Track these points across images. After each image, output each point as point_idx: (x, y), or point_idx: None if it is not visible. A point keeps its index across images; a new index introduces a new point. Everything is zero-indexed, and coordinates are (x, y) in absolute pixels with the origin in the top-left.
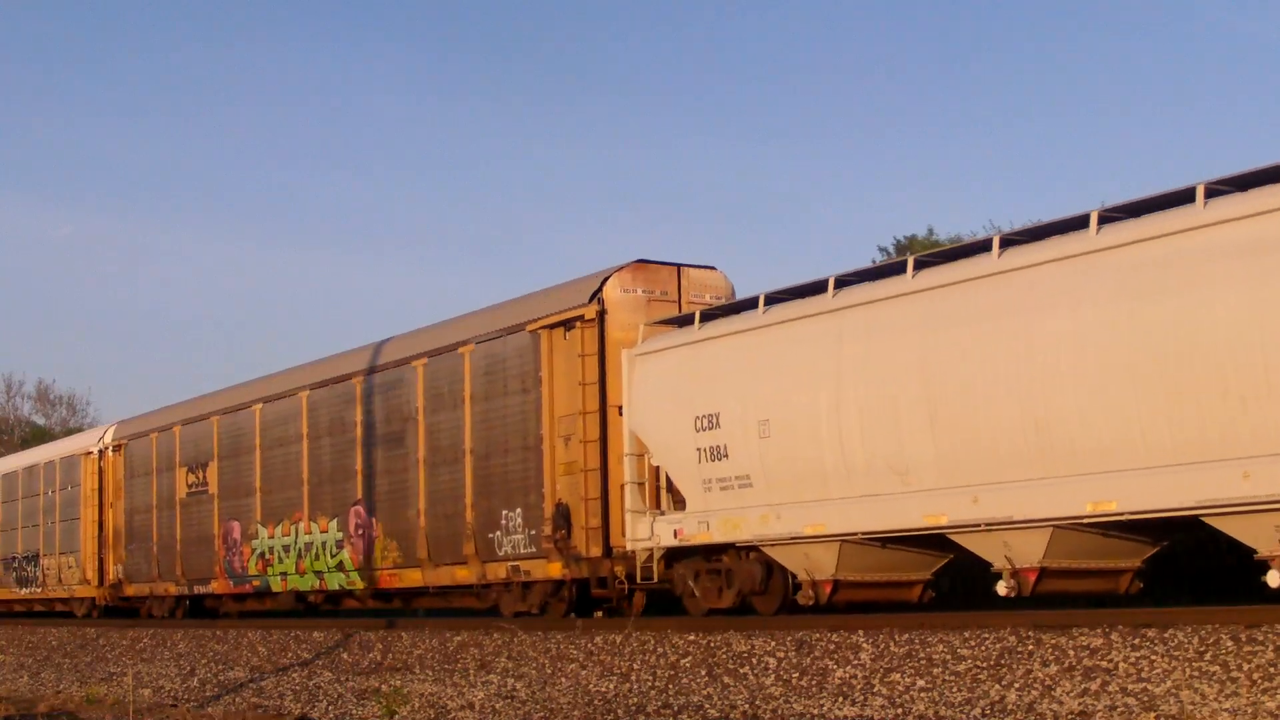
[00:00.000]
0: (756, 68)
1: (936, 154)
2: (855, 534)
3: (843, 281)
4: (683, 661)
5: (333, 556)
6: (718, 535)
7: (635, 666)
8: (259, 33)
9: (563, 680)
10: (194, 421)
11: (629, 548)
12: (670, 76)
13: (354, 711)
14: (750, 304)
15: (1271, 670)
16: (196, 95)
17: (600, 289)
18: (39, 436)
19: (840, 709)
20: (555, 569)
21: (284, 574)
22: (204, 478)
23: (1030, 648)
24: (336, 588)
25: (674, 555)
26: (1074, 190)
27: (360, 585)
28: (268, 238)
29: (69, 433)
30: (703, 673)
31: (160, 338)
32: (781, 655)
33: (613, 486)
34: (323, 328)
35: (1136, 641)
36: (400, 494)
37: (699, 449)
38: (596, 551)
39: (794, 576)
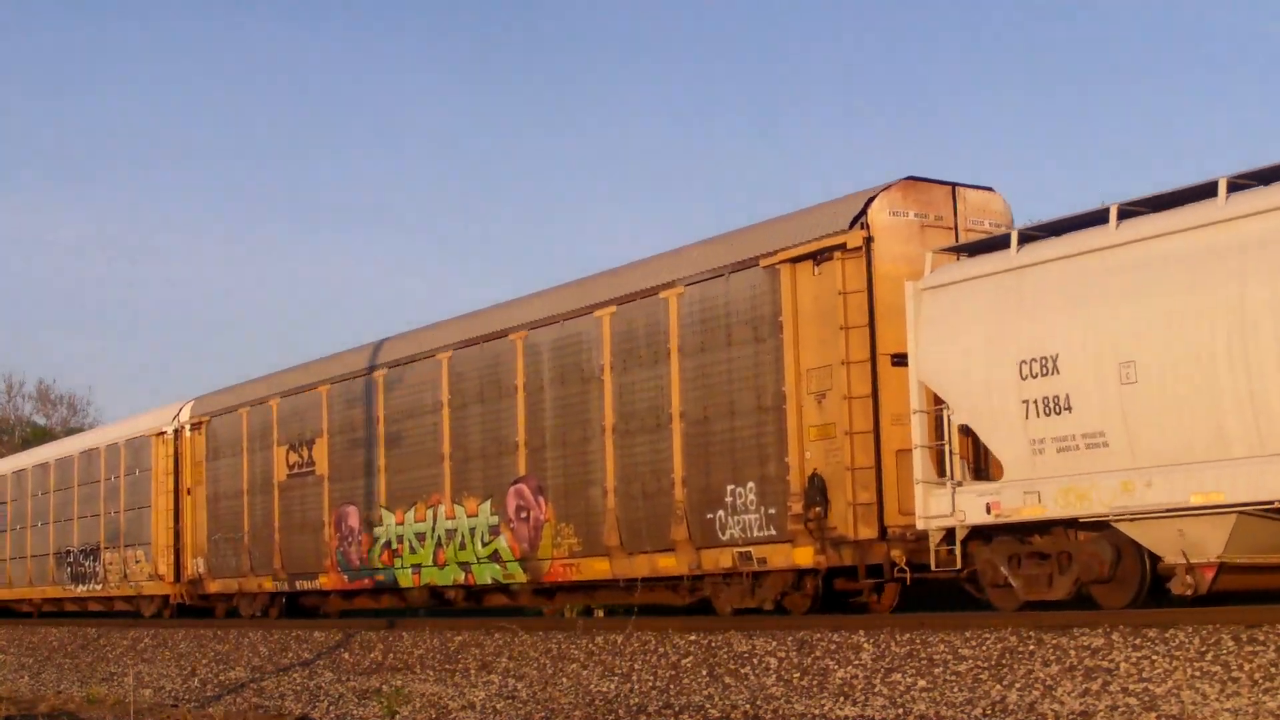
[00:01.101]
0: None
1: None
2: (1273, 502)
3: (1235, 186)
4: (684, 661)
5: (484, 545)
6: (1054, 508)
7: (636, 666)
8: (260, 32)
9: (564, 680)
10: (296, 393)
11: (921, 526)
12: (671, 73)
13: (355, 712)
14: (1094, 218)
15: (1272, 670)
16: (198, 94)
17: (864, 212)
18: (39, 436)
19: (841, 709)
20: (804, 555)
21: (417, 566)
22: (309, 456)
23: (1031, 648)
24: (488, 581)
25: (974, 536)
26: None
27: (521, 578)
28: (268, 237)
29: (69, 432)
30: (704, 673)
31: (160, 338)
32: (782, 655)
33: (885, 453)
34: (324, 327)
35: (1138, 641)
36: (579, 469)
37: (1026, 401)
38: (869, 533)
39: (1151, 560)
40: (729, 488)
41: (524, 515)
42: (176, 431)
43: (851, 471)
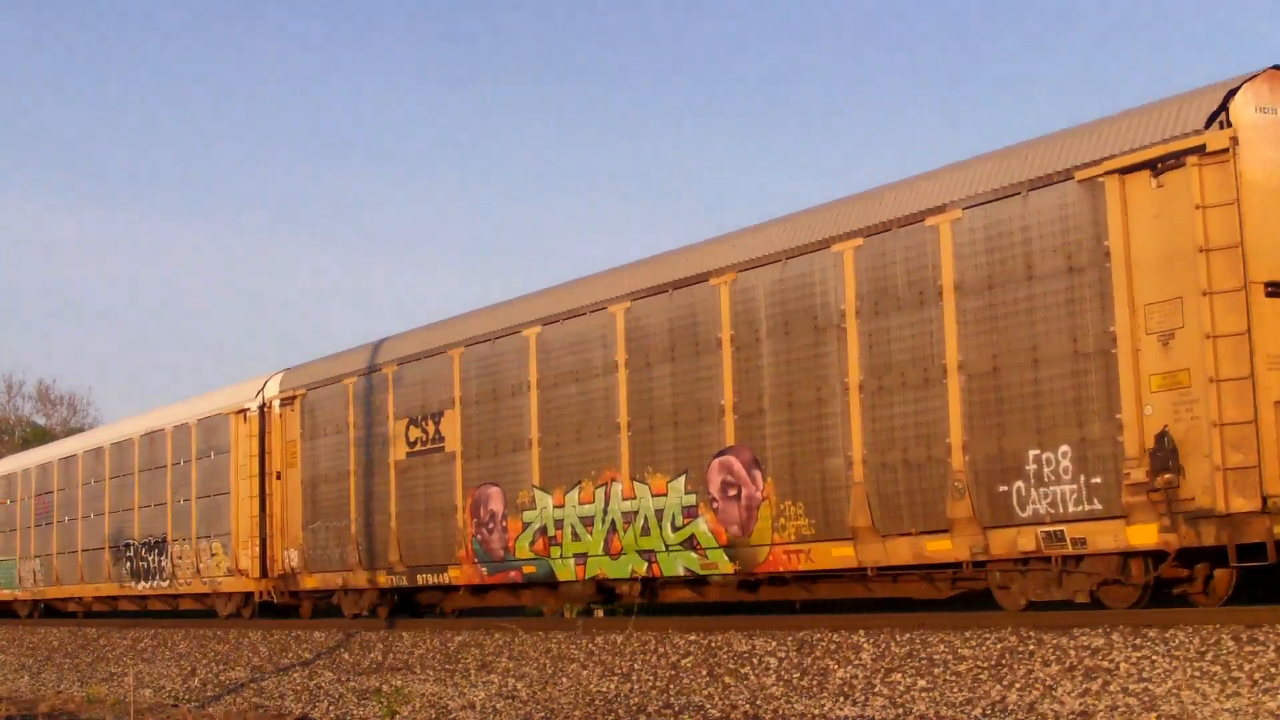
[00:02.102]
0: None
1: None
2: None
3: None
4: (684, 661)
5: (675, 530)
6: None
7: (636, 666)
8: (260, 33)
9: (564, 680)
10: (418, 359)
11: None
12: (672, 70)
13: (355, 712)
14: None
15: (1272, 670)
16: (197, 95)
17: (1223, 108)
18: (39, 436)
19: (841, 709)
20: (1143, 534)
21: (581, 556)
22: (437, 431)
23: (1031, 648)
24: (679, 573)
25: None
26: None
27: (726, 568)
28: (268, 236)
29: (70, 432)
30: (704, 673)
31: (160, 338)
32: (782, 655)
33: (1263, 404)
34: (325, 327)
35: (1138, 642)
36: (812, 435)
37: None
38: (1244, 504)
39: None
40: (1031, 454)
41: (732, 493)
42: (262, 408)
43: (1219, 428)
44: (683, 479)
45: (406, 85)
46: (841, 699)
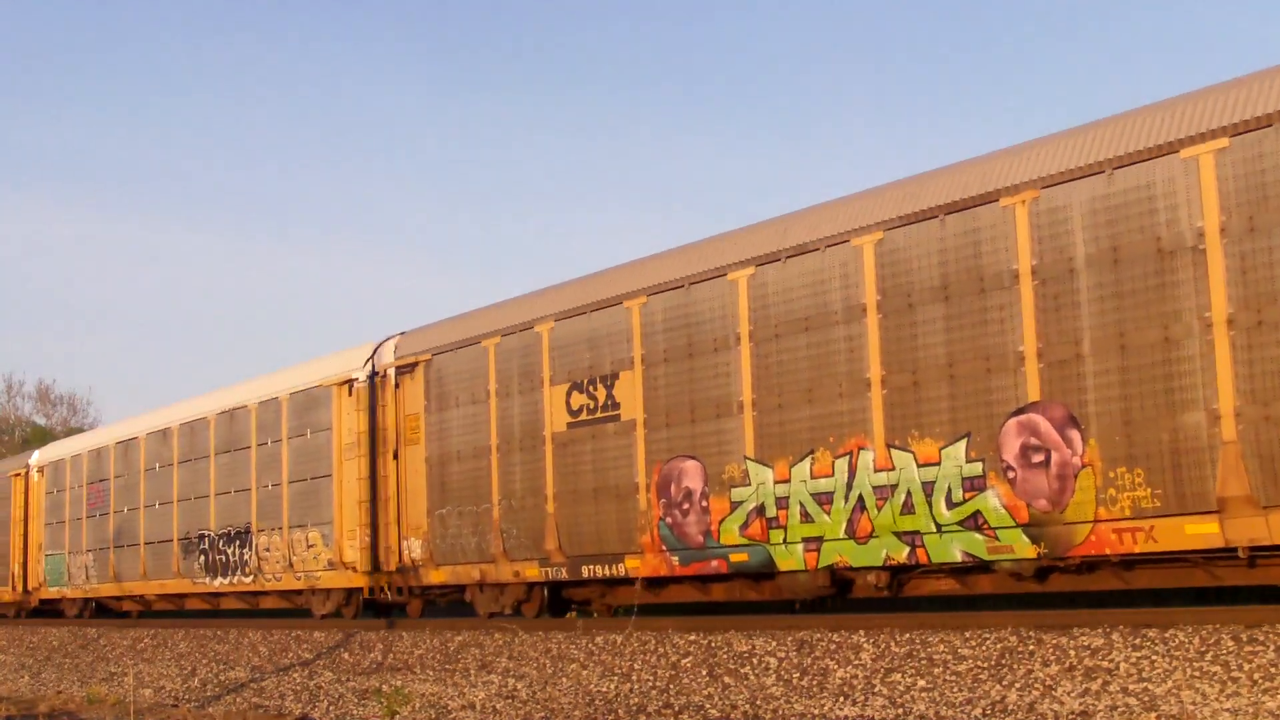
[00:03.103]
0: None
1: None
2: None
3: None
4: (684, 661)
5: (953, 505)
6: None
7: (636, 666)
8: (260, 32)
9: (563, 680)
10: (583, 314)
11: None
12: (670, 71)
13: (355, 712)
14: None
15: (1272, 670)
16: (197, 95)
17: None
18: (40, 436)
19: (841, 709)
20: None
21: (814, 541)
22: (609, 397)
23: (1031, 648)
24: (956, 558)
25: None
26: None
27: (1025, 552)
28: (268, 237)
29: (70, 432)
30: (703, 673)
31: (160, 338)
32: (782, 655)
33: None
34: (324, 327)
35: (1137, 641)
36: (1156, 386)
37: None
38: None
39: None
40: None
41: (1037, 459)
42: (374, 377)
43: None
44: (962, 444)
45: (406, 86)
46: (841, 699)
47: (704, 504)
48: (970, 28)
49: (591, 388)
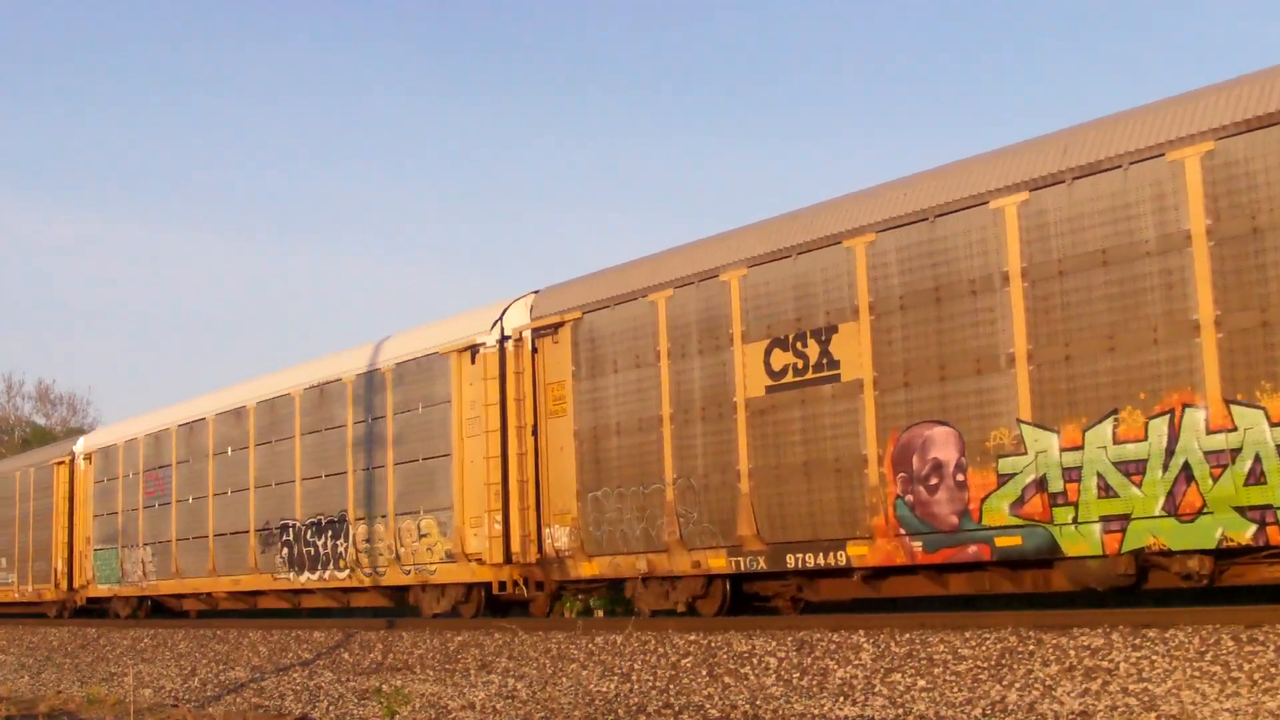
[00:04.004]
0: (760, 63)
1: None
2: None
3: None
4: (683, 661)
5: None
6: None
7: (636, 666)
8: (259, 32)
9: (563, 680)
10: (787, 256)
11: None
12: (669, 73)
13: (355, 712)
14: None
15: (1272, 670)
16: (197, 95)
17: None
18: (40, 436)
19: (841, 709)
20: None
21: (1118, 519)
22: (824, 354)
23: (1031, 648)
24: None
25: None
26: None
27: None
28: (268, 237)
29: (71, 433)
30: (703, 673)
31: (160, 338)
32: (782, 655)
33: None
34: (324, 327)
35: (1137, 641)
36: None
37: None
38: None
39: None
40: None
41: None
42: (505, 341)
43: None
44: None
45: (405, 86)
46: (841, 699)
47: (959, 478)
48: (970, 27)
49: (799, 344)
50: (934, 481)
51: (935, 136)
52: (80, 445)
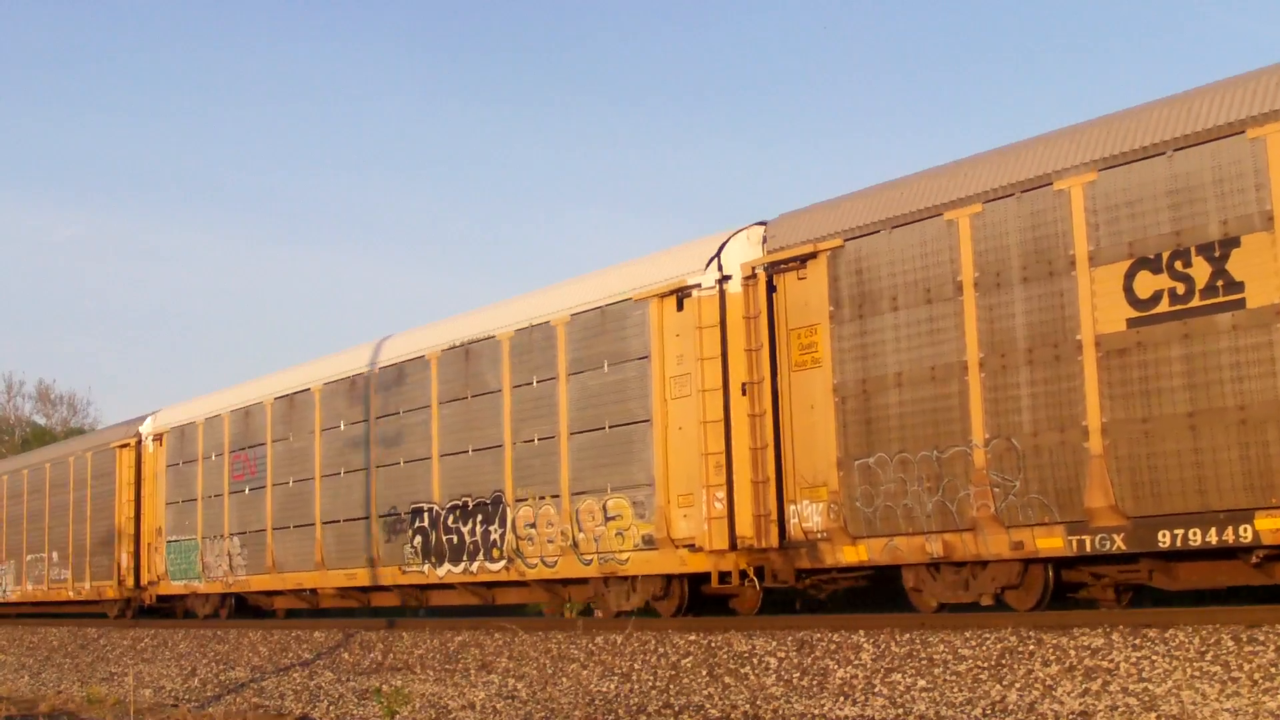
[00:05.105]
0: (756, 67)
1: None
2: None
3: None
4: (684, 661)
5: None
6: None
7: (636, 666)
8: (259, 33)
9: (563, 680)
10: (1158, 154)
11: None
12: (667, 76)
13: (355, 712)
14: None
15: (1272, 670)
16: (196, 95)
17: None
18: (40, 437)
19: (841, 709)
20: None
21: None
22: (1218, 275)
23: (1031, 648)
24: None
25: None
26: None
27: None
28: (267, 237)
29: (71, 433)
30: (704, 673)
31: (160, 338)
32: (782, 655)
33: None
34: (323, 327)
35: (1137, 641)
36: None
37: None
38: None
39: None
40: None
41: None
42: (724, 282)
43: None
44: None
45: (405, 87)
46: (841, 699)
47: None
48: (967, 27)
49: (1178, 264)
50: None
51: (936, 136)
52: (148, 425)
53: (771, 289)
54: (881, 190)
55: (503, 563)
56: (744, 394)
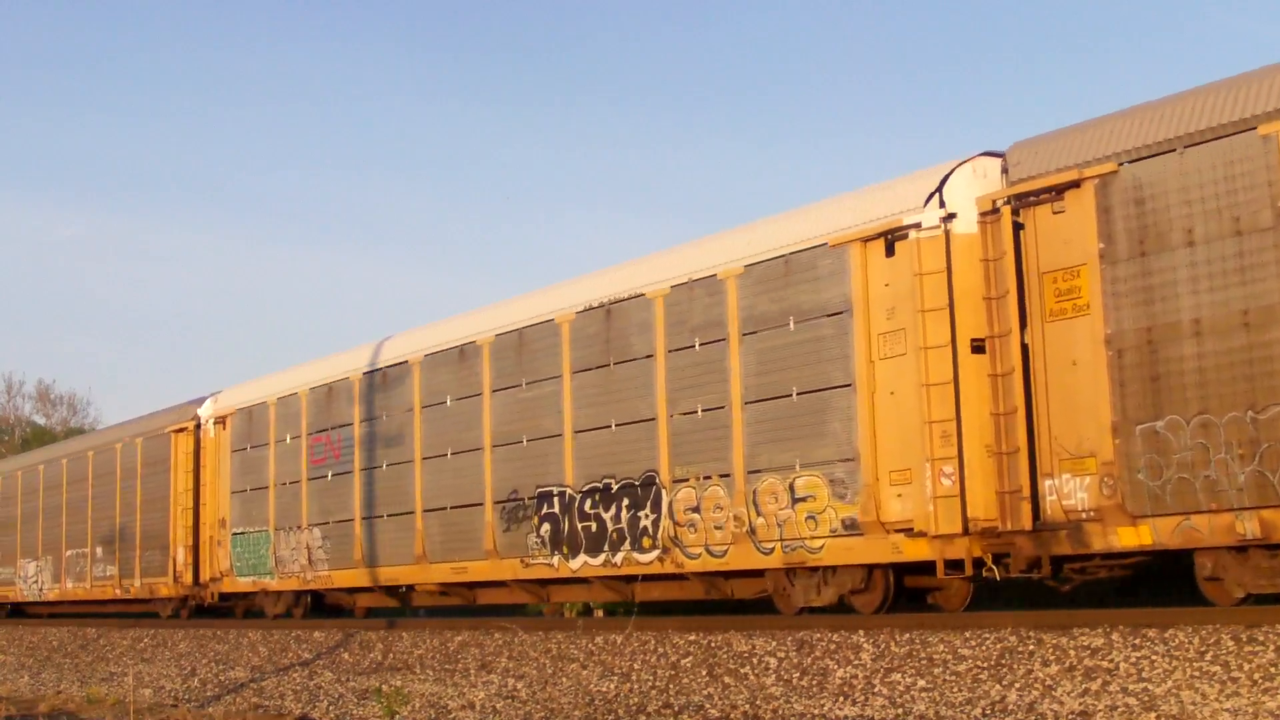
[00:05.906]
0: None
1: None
2: None
3: None
4: (683, 661)
5: None
6: None
7: (636, 666)
8: (259, 33)
9: (563, 680)
10: None
11: None
12: (667, 76)
13: (355, 712)
14: None
15: (1272, 670)
16: (196, 95)
17: None
18: (39, 437)
19: (841, 709)
20: None
21: None
22: None
23: (1031, 647)
24: None
25: None
26: None
27: None
28: (267, 237)
29: (71, 433)
30: (703, 673)
31: (160, 338)
32: (782, 655)
33: None
34: (323, 327)
35: (1137, 641)
36: None
37: None
38: None
39: None
40: None
41: None
42: (949, 221)
43: None
44: None
45: (405, 87)
46: (841, 699)
47: None
48: (967, 27)
49: None
50: None
51: (936, 136)
52: (208, 407)
53: (1020, 226)
54: (1165, 104)
55: (655, 553)
56: (974, 351)
